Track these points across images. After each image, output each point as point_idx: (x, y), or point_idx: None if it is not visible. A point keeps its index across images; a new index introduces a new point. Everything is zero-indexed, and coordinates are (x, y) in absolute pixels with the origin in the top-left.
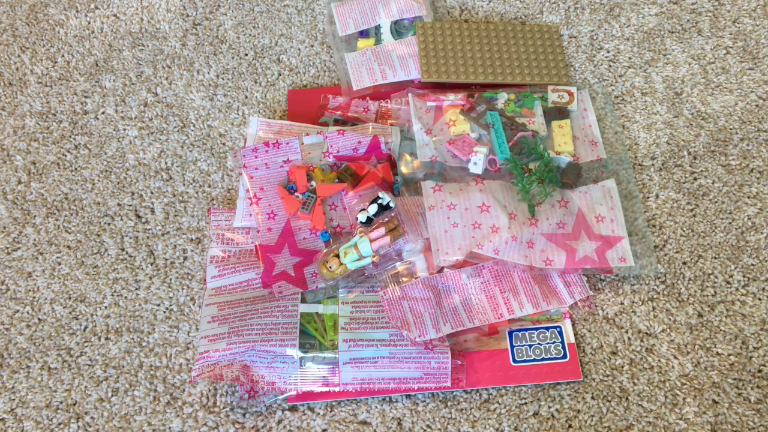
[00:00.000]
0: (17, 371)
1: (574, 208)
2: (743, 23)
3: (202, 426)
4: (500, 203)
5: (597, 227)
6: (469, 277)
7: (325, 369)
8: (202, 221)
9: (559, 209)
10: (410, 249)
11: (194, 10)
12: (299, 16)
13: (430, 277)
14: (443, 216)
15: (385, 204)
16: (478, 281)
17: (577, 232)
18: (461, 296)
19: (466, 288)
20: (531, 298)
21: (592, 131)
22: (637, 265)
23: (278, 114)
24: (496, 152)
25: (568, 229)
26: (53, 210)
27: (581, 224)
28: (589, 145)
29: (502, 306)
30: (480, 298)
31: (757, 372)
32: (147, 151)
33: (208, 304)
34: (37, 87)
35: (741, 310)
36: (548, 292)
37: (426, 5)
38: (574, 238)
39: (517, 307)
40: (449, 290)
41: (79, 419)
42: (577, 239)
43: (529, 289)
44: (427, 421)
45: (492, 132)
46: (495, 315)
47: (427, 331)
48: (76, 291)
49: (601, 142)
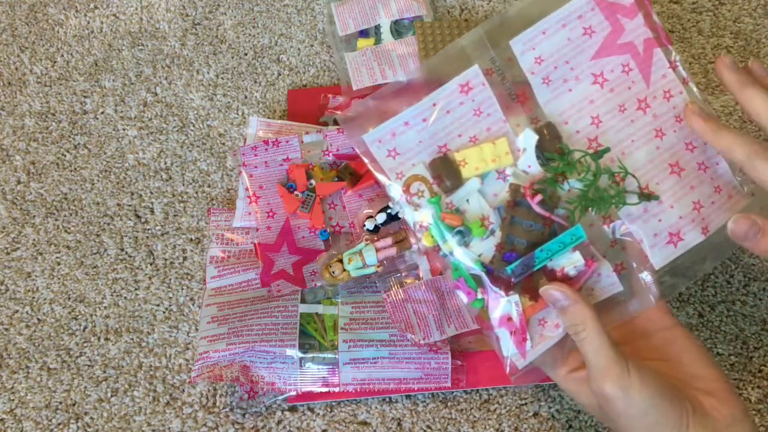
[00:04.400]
0: (16, 371)
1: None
2: (744, 23)
3: (202, 426)
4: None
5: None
6: None
7: (324, 369)
8: (201, 221)
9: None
10: (413, 251)
11: (194, 10)
12: (299, 15)
13: (434, 279)
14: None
15: (394, 214)
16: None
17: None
18: None
19: None
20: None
21: None
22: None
23: (278, 114)
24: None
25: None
26: (52, 210)
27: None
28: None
29: None
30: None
31: (757, 372)
32: (146, 151)
33: (208, 305)
34: (36, 87)
35: (741, 310)
36: None
37: (426, 5)
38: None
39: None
40: (453, 292)
41: (79, 419)
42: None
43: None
44: (427, 422)
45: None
46: (477, 324)
47: (432, 333)
48: (76, 291)
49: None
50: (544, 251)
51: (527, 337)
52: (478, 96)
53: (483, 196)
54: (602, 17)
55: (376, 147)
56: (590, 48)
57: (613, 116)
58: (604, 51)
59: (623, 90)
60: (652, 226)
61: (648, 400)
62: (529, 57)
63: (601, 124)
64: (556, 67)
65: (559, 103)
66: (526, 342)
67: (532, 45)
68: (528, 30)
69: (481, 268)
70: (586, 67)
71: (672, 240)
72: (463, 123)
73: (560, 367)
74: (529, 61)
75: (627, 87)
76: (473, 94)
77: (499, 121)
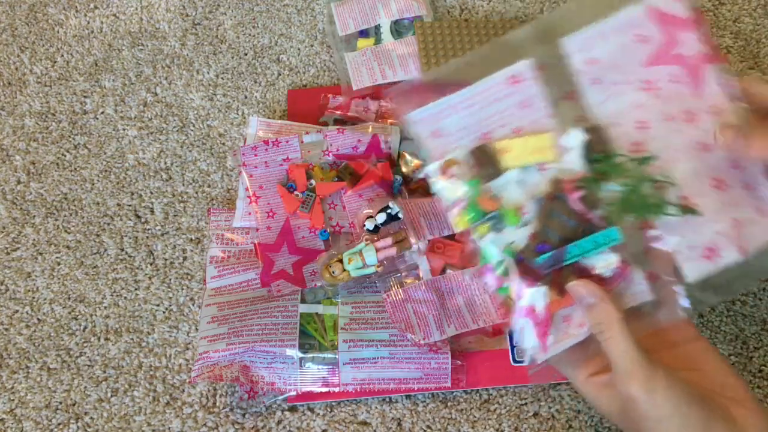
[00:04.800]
0: (16, 371)
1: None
2: (744, 23)
3: (202, 426)
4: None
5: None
6: (473, 277)
7: (324, 369)
8: (201, 221)
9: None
10: (413, 251)
11: (194, 10)
12: (299, 15)
13: (434, 279)
14: None
15: (394, 214)
16: (482, 282)
17: None
18: (465, 297)
19: (470, 289)
20: None
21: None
22: None
23: (278, 114)
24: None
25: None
26: (52, 210)
27: None
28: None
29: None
30: (483, 299)
31: (757, 372)
32: (146, 151)
33: (208, 305)
34: (36, 87)
35: (741, 310)
36: None
37: (426, 5)
38: None
39: None
40: (452, 292)
41: (79, 419)
42: None
43: None
44: (427, 422)
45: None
46: (499, 315)
47: (432, 333)
48: (76, 291)
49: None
50: (577, 247)
51: (549, 332)
52: (526, 89)
53: (521, 186)
54: (657, 27)
55: (420, 126)
56: (642, 55)
57: (660, 124)
58: (657, 59)
59: (672, 100)
60: (689, 238)
61: (674, 402)
62: (580, 57)
63: (647, 130)
64: (607, 69)
65: (607, 105)
66: (548, 336)
67: (584, 46)
68: (581, 31)
69: (512, 255)
70: (637, 73)
71: (707, 255)
72: (508, 114)
73: (581, 369)
74: (580, 61)
75: (676, 97)
76: (522, 86)
77: (545, 117)
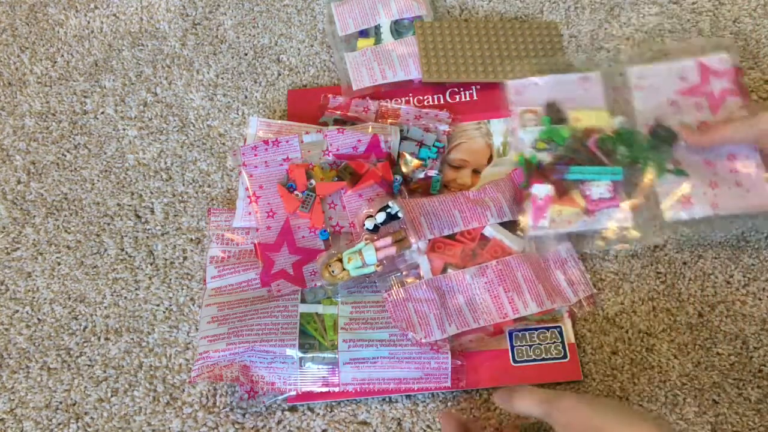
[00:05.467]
0: (17, 371)
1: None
2: (743, 23)
3: (202, 426)
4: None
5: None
6: (473, 277)
7: (324, 369)
8: (201, 221)
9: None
10: (413, 250)
11: (194, 10)
12: (299, 15)
13: (434, 278)
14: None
15: (394, 213)
16: (482, 281)
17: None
18: (466, 296)
19: (470, 288)
20: (535, 297)
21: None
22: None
23: (278, 114)
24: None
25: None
26: (53, 210)
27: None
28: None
29: (507, 305)
30: (484, 298)
31: (757, 372)
32: (147, 151)
33: (208, 305)
34: (36, 87)
35: (741, 310)
36: (552, 291)
37: (426, 5)
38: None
39: (521, 306)
40: (453, 291)
41: (79, 419)
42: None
43: (533, 288)
44: (427, 422)
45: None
46: (500, 315)
47: (432, 332)
48: (76, 291)
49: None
50: (580, 168)
51: (545, 216)
52: (592, 88)
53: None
54: (697, 72)
55: (512, 90)
56: (678, 87)
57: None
58: (689, 92)
59: (692, 112)
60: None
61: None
62: (636, 80)
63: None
64: (651, 90)
65: (645, 103)
66: (542, 219)
67: (642, 74)
68: (642, 66)
69: (536, 162)
70: (670, 95)
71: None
72: (574, 98)
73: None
74: (636, 82)
75: (695, 112)
76: (589, 85)
77: (599, 105)
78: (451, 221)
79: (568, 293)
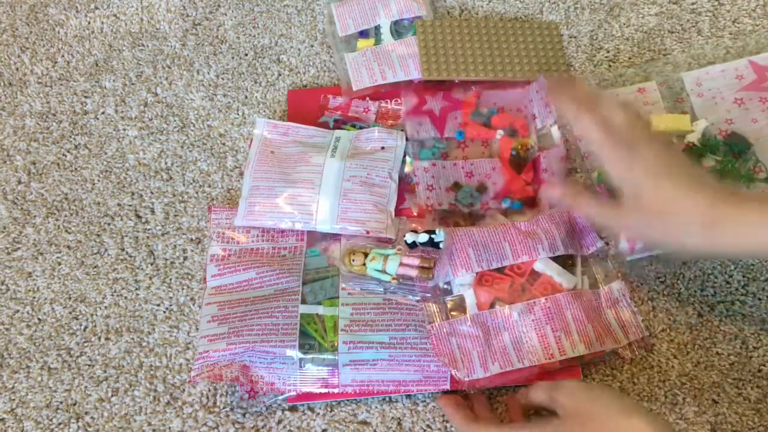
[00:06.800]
0: (17, 371)
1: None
2: (743, 23)
3: (202, 426)
4: None
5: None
6: (520, 314)
7: (324, 370)
8: (202, 221)
9: None
10: (460, 282)
11: (194, 10)
12: (299, 16)
13: (480, 313)
14: None
15: (436, 242)
16: (530, 318)
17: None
18: (512, 335)
19: (517, 326)
20: (584, 338)
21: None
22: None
23: (278, 114)
24: None
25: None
26: (53, 210)
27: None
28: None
29: (554, 346)
30: (530, 337)
31: (757, 372)
32: (147, 151)
33: (208, 303)
34: (37, 87)
35: (741, 310)
36: (602, 332)
37: (426, 5)
38: None
39: (569, 347)
40: (499, 328)
41: (79, 419)
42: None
43: (582, 328)
44: (427, 421)
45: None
46: (546, 355)
47: (475, 370)
48: (76, 291)
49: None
50: None
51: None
52: (649, 96)
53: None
54: (752, 71)
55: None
56: (738, 86)
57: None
58: (748, 88)
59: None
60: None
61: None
62: (693, 84)
63: (731, 125)
64: (710, 94)
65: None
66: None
67: (699, 80)
68: (698, 70)
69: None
70: (731, 94)
71: None
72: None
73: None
74: (693, 86)
75: (762, 106)
76: (646, 94)
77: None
78: (501, 254)
79: (618, 335)
